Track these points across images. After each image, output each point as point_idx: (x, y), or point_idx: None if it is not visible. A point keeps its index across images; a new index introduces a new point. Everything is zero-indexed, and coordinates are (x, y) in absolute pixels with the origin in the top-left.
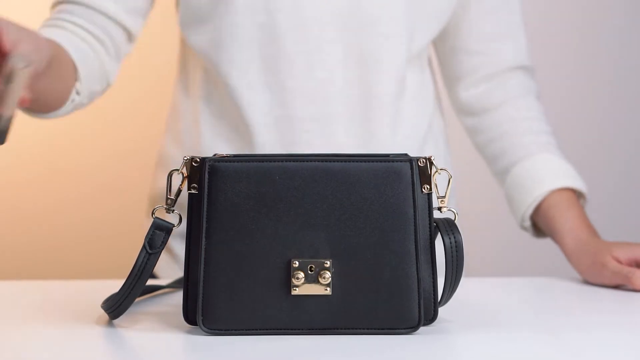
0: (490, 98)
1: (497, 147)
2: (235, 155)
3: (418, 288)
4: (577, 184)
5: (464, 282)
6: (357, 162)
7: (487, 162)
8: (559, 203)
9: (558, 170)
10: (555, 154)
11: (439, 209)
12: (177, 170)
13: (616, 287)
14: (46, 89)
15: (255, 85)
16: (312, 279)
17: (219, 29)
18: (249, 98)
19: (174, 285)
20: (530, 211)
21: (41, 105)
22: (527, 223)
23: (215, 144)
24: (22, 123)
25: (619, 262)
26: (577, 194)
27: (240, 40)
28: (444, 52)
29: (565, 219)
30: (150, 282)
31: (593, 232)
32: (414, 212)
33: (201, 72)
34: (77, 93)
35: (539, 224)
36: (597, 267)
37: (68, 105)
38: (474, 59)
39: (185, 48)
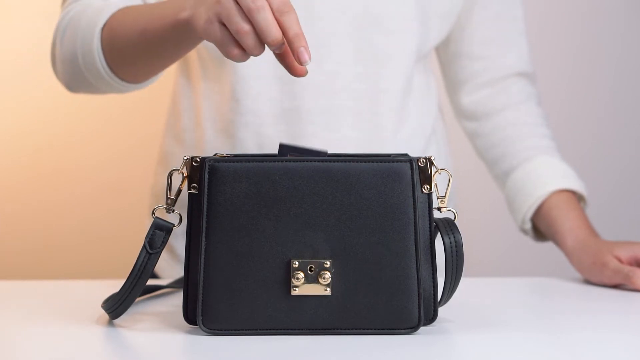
0: (492, 103)
1: (498, 151)
2: (235, 155)
3: (418, 288)
4: (578, 186)
5: (464, 282)
6: (357, 162)
7: (488, 166)
8: (560, 204)
9: (558, 172)
10: (556, 157)
11: (439, 209)
12: (177, 170)
13: (616, 286)
14: (168, 57)
15: (264, 76)
16: (312, 279)
17: None
18: (258, 89)
19: (174, 285)
20: (530, 213)
21: (146, 70)
22: (528, 225)
23: (218, 138)
24: (22, 123)
25: (620, 261)
26: (578, 197)
27: None
28: (447, 57)
29: (565, 219)
30: (150, 281)
31: (594, 232)
32: (414, 212)
33: (200, 68)
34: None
35: (540, 226)
36: (598, 267)
37: (151, 81)
38: (476, 64)
39: None
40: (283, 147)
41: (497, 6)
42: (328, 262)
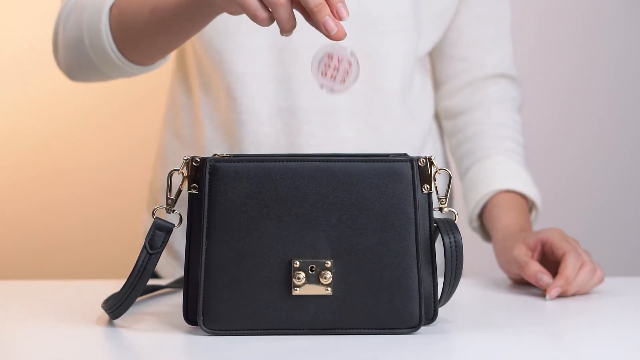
0: (467, 102)
1: (463, 149)
2: (235, 155)
3: (419, 288)
4: (528, 190)
5: (464, 282)
6: (357, 162)
7: (456, 164)
8: (502, 203)
9: (509, 174)
10: (514, 159)
11: (440, 209)
12: (177, 170)
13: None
14: (179, 35)
15: (261, 75)
16: (313, 279)
17: (225, 16)
18: (253, 87)
19: (174, 285)
20: (477, 210)
21: (155, 50)
22: (475, 224)
23: (216, 136)
24: (21, 122)
25: (529, 247)
26: (530, 204)
27: (247, 29)
28: (431, 57)
29: (503, 217)
30: (151, 281)
31: (528, 232)
32: (415, 212)
33: (197, 64)
34: (169, 56)
35: (485, 225)
36: (506, 256)
37: (158, 64)
38: (458, 65)
39: None
40: None
41: (482, 7)
42: (329, 262)
